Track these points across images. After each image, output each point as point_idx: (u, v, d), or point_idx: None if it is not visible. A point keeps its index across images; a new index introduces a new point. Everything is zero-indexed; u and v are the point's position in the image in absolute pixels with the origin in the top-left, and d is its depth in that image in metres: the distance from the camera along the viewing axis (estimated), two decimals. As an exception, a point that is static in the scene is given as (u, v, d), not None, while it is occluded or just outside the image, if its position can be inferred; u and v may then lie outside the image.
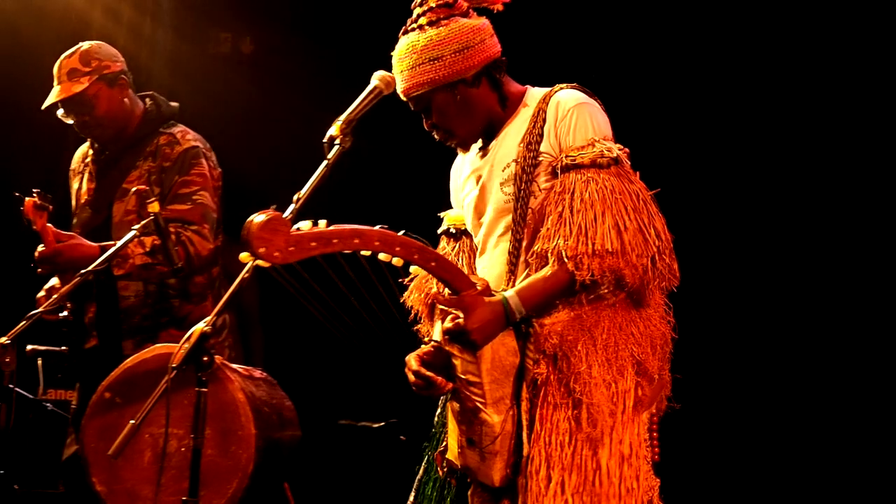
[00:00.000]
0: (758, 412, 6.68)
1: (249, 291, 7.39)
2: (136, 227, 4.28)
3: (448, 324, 3.47)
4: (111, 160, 5.11)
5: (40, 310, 4.11)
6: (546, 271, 3.49)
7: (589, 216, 3.42)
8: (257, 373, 4.74)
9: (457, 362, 3.54)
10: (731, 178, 6.84)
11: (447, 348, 3.58)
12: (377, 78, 3.62)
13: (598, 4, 7.16)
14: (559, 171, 3.56)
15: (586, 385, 3.43)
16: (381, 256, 3.37)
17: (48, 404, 6.46)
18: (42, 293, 4.96)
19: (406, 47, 3.71)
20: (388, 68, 3.69)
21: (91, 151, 5.23)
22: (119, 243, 4.27)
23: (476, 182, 3.84)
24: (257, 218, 3.12)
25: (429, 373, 3.55)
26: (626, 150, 3.63)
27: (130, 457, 4.14)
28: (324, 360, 8.11)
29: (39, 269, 4.76)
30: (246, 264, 3.29)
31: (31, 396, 6.55)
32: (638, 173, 3.59)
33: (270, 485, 4.68)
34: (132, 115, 5.13)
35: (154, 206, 4.34)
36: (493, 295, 3.50)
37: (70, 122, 5.07)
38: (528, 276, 3.56)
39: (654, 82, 6.99)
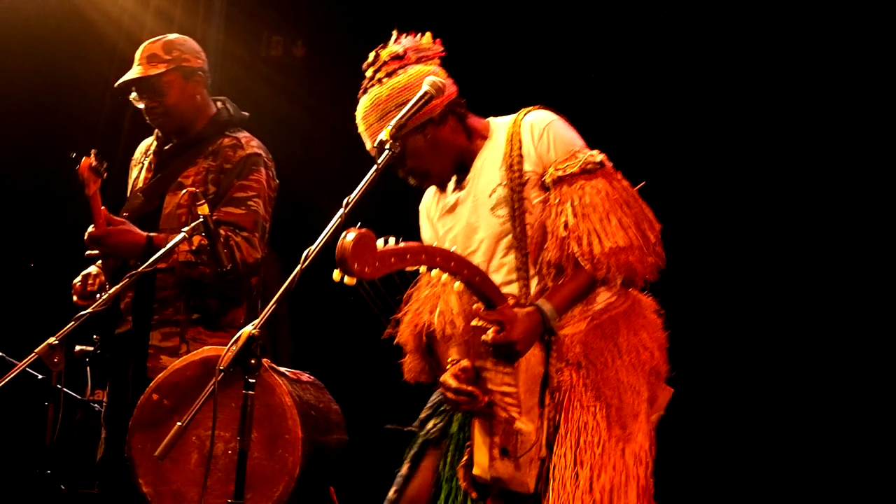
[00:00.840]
0: (747, 410, 6.68)
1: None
2: (186, 228, 4.30)
3: (491, 336, 3.53)
4: (172, 153, 5.11)
5: (89, 310, 4.10)
6: (571, 276, 3.64)
7: (594, 220, 3.60)
8: (305, 376, 4.74)
9: (489, 375, 3.63)
10: (715, 177, 6.84)
11: (477, 364, 3.67)
12: (428, 84, 3.64)
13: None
14: (551, 185, 3.73)
15: (615, 389, 3.62)
16: (434, 272, 3.48)
17: (96, 405, 6.48)
18: (78, 279, 4.97)
19: (369, 102, 3.88)
20: (446, 69, 3.76)
21: (155, 144, 5.24)
22: (169, 245, 4.27)
23: (459, 214, 3.97)
24: (349, 237, 3.17)
25: (470, 387, 3.62)
26: (605, 153, 3.77)
27: (177, 458, 4.15)
28: (372, 364, 8.11)
29: (87, 252, 4.81)
30: (278, 280, 3.33)
31: (78, 397, 6.58)
32: (620, 171, 3.78)
33: (316, 488, 4.67)
34: (201, 114, 5.13)
35: (204, 209, 4.34)
36: (523, 306, 3.61)
37: (140, 105, 5.08)
38: (543, 287, 3.70)
39: (636, 84, 7.00)
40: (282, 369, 4.45)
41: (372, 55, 3.93)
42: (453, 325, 3.76)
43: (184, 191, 4.86)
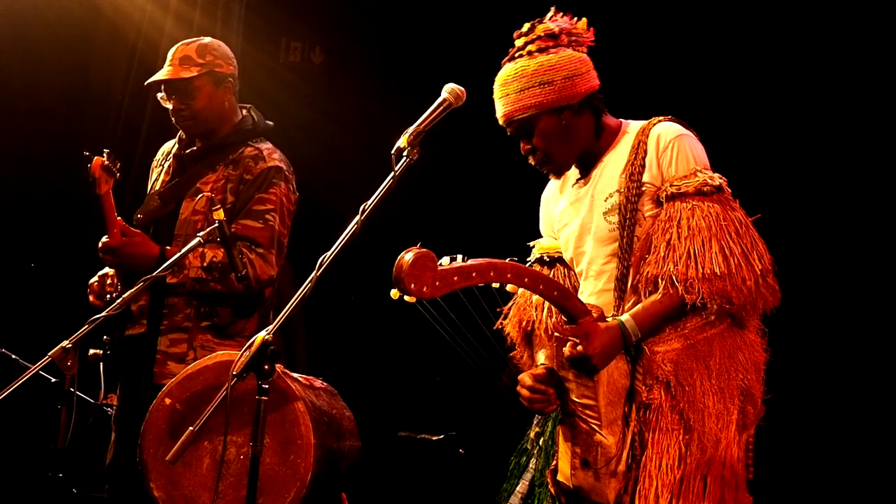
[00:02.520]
0: (844, 430, 6.62)
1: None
2: (201, 234, 4.27)
3: (568, 350, 3.54)
4: (193, 158, 5.09)
5: (103, 314, 4.10)
6: (658, 296, 3.62)
7: (697, 242, 3.57)
8: (318, 382, 4.73)
9: (571, 386, 3.65)
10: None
11: (561, 373, 3.68)
12: (447, 91, 3.62)
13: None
14: (664, 200, 3.70)
15: (700, 413, 3.58)
16: (509, 287, 3.59)
17: (108, 409, 6.48)
18: (95, 279, 4.96)
19: (513, 72, 3.84)
20: (457, 80, 3.68)
21: (176, 147, 5.22)
22: (182, 251, 4.25)
23: (576, 213, 3.96)
24: (407, 256, 3.21)
25: (543, 386, 3.65)
26: (725, 178, 3.74)
27: (189, 463, 4.14)
28: (385, 371, 8.12)
29: (101, 257, 4.80)
30: (290, 288, 3.33)
31: (91, 401, 6.58)
32: (738, 200, 3.73)
33: (328, 495, 4.66)
34: (227, 120, 5.12)
35: (219, 214, 4.33)
36: (607, 320, 3.61)
37: (167, 105, 5.07)
38: (637, 301, 3.68)
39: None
40: (295, 375, 4.45)
41: (527, 26, 3.92)
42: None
43: (199, 196, 4.84)
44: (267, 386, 3.29)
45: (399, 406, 8.02)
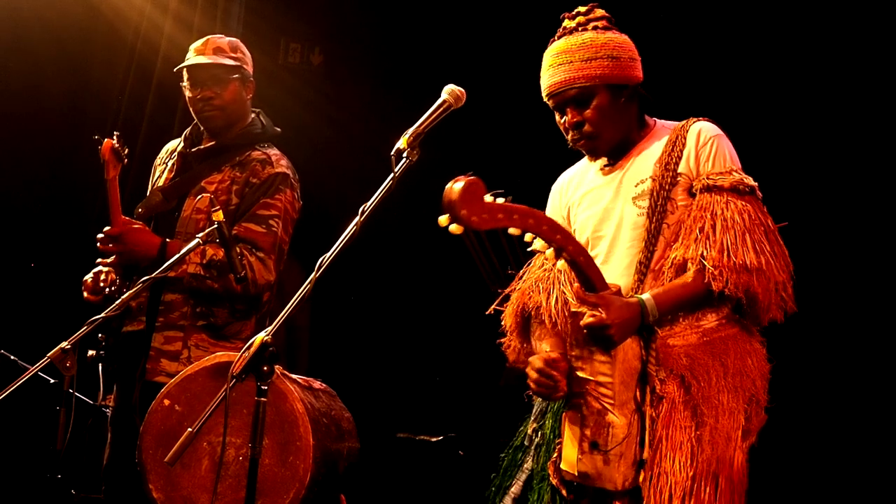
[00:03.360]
0: (844, 441, 6.62)
1: (301, 312, 7.38)
2: (200, 234, 4.23)
3: (589, 319, 3.50)
4: (198, 157, 5.10)
5: (102, 315, 4.09)
6: (685, 279, 3.64)
7: (730, 234, 3.60)
8: (317, 384, 4.73)
9: (585, 364, 3.60)
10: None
11: (574, 353, 3.64)
12: (447, 92, 3.61)
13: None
14: (698, 192, 3.74)
15: (714, 409, 3.59)
16: (538, 244, 3.59)
17: (107, 410, 6.47)
18: (89, 276, 4.93)
19: (579, 41, 3.86)
20: (457, 81, 3.66)
21: (182, 146, 5.22)
22: (183, 251, 4.23)
23: (600, 197, 3.98)
24: (457, 184, 3.18)
25: (554, 372, 3.62)
26: (757, 184, 3.77)
27: (188, 464, 4.15)
28: (384, 372, 8.12)
29: (100, 246, 4.79)
30: (298, 285, 3.31)
31: (90, 402, 6.57)
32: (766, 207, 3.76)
33: (327, 496, 4.66)
34: (241, 120, 5.15)
35: (218, 215, 4.31)
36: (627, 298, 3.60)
37: (191, 94, 5.08)
38: (660, 283, 3.69)
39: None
40: (294, 376, 4.45)
41: (583, 8, 3.95)
42: (564, 314, 3.79)
43: (200, 195, 4.84)
44: (266, 387, 3.28)
45: (398, 407, 8.03)
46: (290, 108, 7.87)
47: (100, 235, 4.76)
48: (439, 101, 3.60)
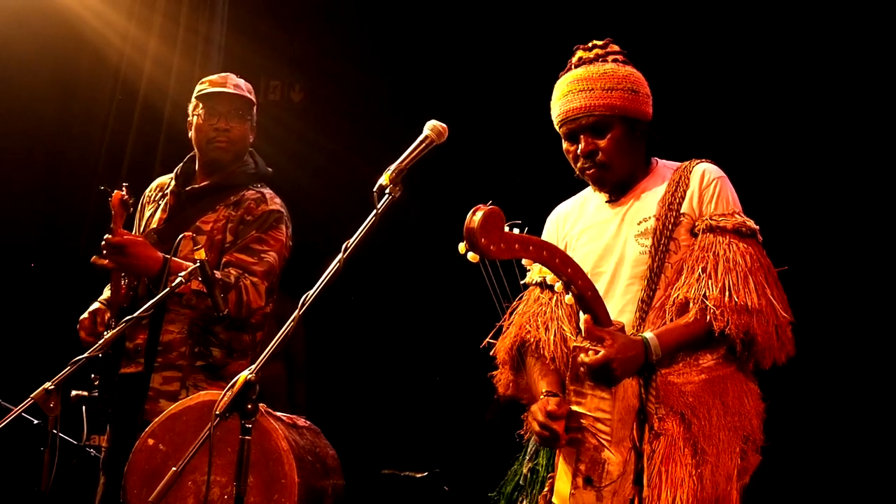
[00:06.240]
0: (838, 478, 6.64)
1: (297, 340, 7.40)
2: (183, 273, 4.18)
3: (590, 356, 3.49)
4: (192, 197, 5.10)
5: (86, 354, 4.06)
6: (686, 319, 3.64)
7: (732, 275, 3.62)
8: (301, 421, 4.72)
9: (585, 400, 3.61)
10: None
11: (573, 386, 3.65)
12: (429, 128, 3.60)
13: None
14: (700, 232, 3.76)
15: (715, 447, 3.59)
16: (530, 277, 3.72)
17: (92, 450, 6.44)
18: (86, 315, 4.92)
19: (601, 71, 3.89)
20: (438, 118, 3.63)
21: (173, 184, 5.20)
22: (165, 291, 4.15)
23: (600, 234, 3.99)
24: (478, 213, 3.21)
25: (555, 425, 3.59)
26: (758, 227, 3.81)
27: (173, 504, 4.13)
28: (368, 409, 8.10)
29: (99, 258, 4.71)
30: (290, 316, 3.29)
31: (74, 442, 6.54)
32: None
33: (313, 534, 4.65)
34: (238, 160, 5.17)
35: (200, 254, 4.30)
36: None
37: (205, 122, 5.11)
38: (663, 323, 3.68)
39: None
40: (278, 414, 4.44)
41: (599, 42, 3.99)
42: (563, 350, 3.81)
43: (182, 235, 4.83)
44: (250, 425, 3.28)
45: (383, 443, 8.01)
46: (271, 145, 7.88)
47: (102, 244, 4.69)
48: (421, 136, 3.59)
